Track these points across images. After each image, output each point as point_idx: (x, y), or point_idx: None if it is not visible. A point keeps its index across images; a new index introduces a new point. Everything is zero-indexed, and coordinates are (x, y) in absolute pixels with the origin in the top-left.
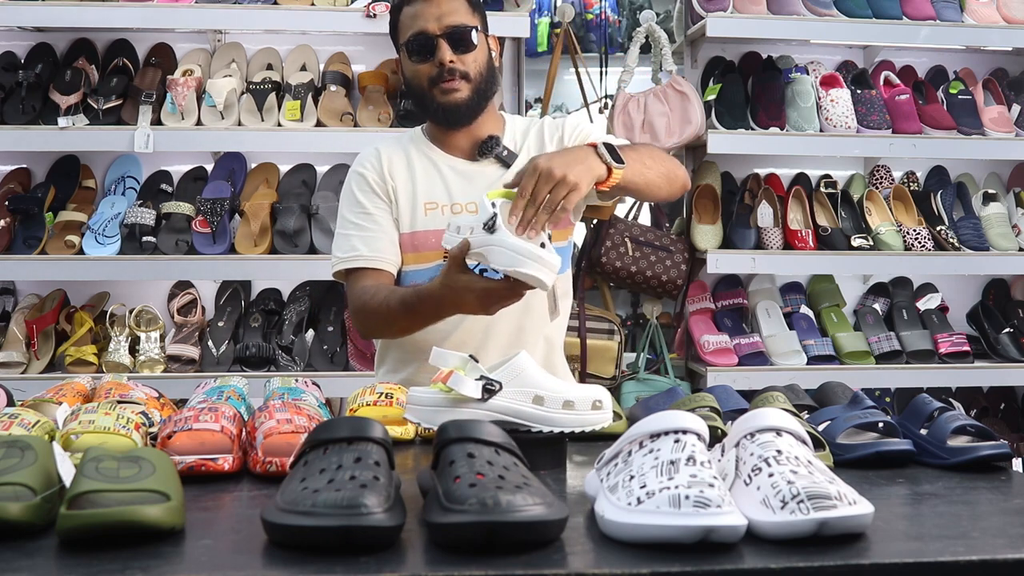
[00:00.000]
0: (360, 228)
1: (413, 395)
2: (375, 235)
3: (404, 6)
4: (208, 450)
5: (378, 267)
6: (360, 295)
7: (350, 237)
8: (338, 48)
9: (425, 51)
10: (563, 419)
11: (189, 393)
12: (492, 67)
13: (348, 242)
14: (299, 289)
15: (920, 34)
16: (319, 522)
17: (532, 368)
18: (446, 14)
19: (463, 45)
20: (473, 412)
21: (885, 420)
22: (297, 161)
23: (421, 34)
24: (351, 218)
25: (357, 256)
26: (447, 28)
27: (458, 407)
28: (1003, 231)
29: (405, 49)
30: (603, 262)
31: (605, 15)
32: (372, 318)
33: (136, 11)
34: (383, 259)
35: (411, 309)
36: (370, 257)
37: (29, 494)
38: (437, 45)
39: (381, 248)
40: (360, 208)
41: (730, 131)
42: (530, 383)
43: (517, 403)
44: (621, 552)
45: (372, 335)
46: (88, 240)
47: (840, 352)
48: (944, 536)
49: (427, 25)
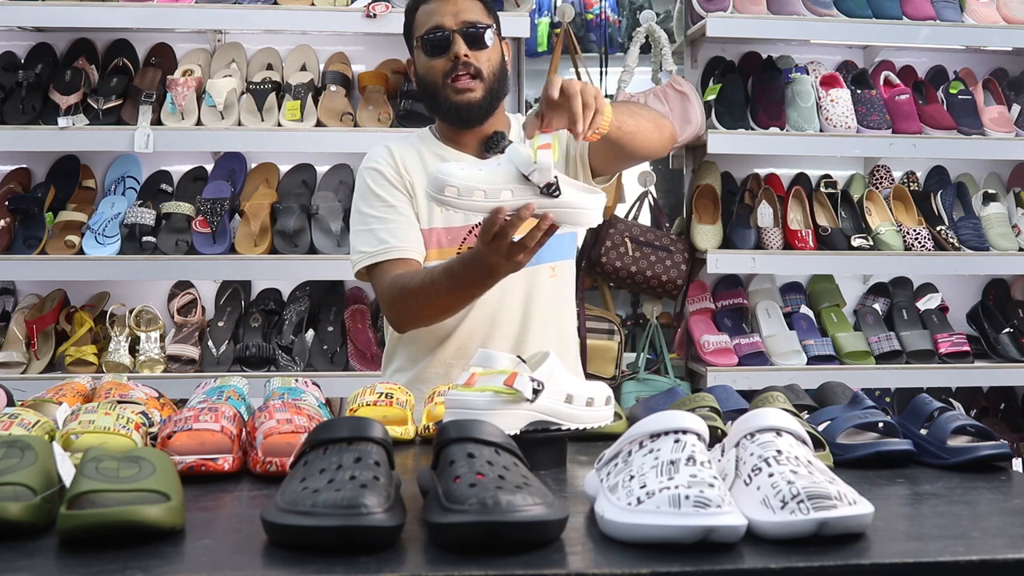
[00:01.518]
0: (384, 221)
1: (460, 398)
2: (401, 225)
3: (421, 4)
4: (208, 450)
5: (408, 256)
6: (396, 281)
7: (375, 231)
8: (338, 48)
9: (440, 46)
10: (588, 416)
11: (189, 393)
12: (504, 69)
13: (374, 236)
14: (299, 289)
15: (920, 34)
16: (319, 522)
17: (561, 367)
18: (462, 11)
19: (478, 42)
20: (527, 413)
21: (885, 420)
22: (297, 161)
23: (437, 28)
24: (372, 212)
25: (388, 248)
26: (463, 24)
27: (512, 408)
28: (1003, 231)
29: (420, 44)
30: (603, 262)
31: (605, 15)
32: (413, 300)
33: (136, 11)
34: (413, 248)
35: (457, 278)
36: (401, 247)
37: (29, 494)
38: (452, 40)
39: (409, 238)
40: (381, 201)
41: (730, 131)
42: (561, 382)
43: (554, 402)
44: (621, 552)
45: (410, 323)
46: (88, 240)
47: (840, 352)
48: (944, 536)
49: (443, 20)
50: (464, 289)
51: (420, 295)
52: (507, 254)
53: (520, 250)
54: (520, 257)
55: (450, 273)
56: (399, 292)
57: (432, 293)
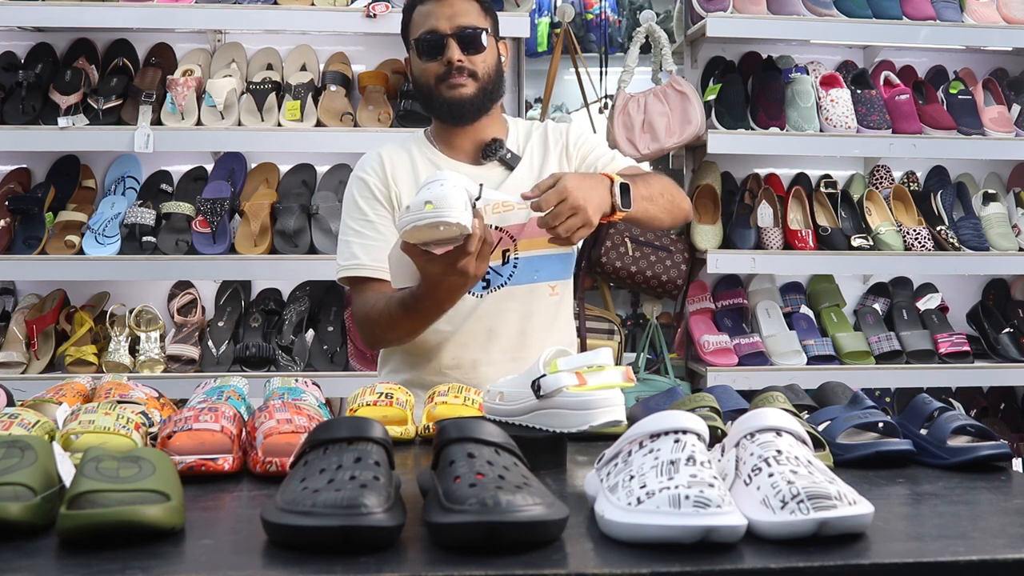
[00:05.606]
0: (360, 236)
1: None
2: (375, 243)
3: (417, 5)
4: (208, 450)
5: (380, 277)
6: (362, 307)
7: (351, 244)
8: (338, 48)
9: (435, 49)
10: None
11: (189, 393)
12: (500, 70)
13: (349, 249)
14: (299, 289)
15: (920, 34)
16: (319, 522)
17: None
18: (458, 14)
19: (472, 46)
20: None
21: (885, 420)
22: (297, 161)
23: (432, 32)
24: (352, 225)
25: (358, 265)
26: (457, 28)
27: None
28: (1003, 231)
29: (415, 47)
30: (603, 262)
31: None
32: (376, 328)
33: (136, 11)
34: (384, 268)
35: (411, 310)
36: (371, 267)
37: (29, 494)
38: (447, 44)
39: (381, 257)
40: (361, 215)
41: (730, 131)
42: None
43: None
44: (621, 552)
45: (378, 345)
46: (88, 240)
47: (840, 352)
48: (944, 536)
49: (438, 24)
50: (421, 318)
51: (382, 323)
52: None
53: (461, 262)
54: (473, 269)
55: (403, 306)
56: (364, 317)
57: (392, 322)
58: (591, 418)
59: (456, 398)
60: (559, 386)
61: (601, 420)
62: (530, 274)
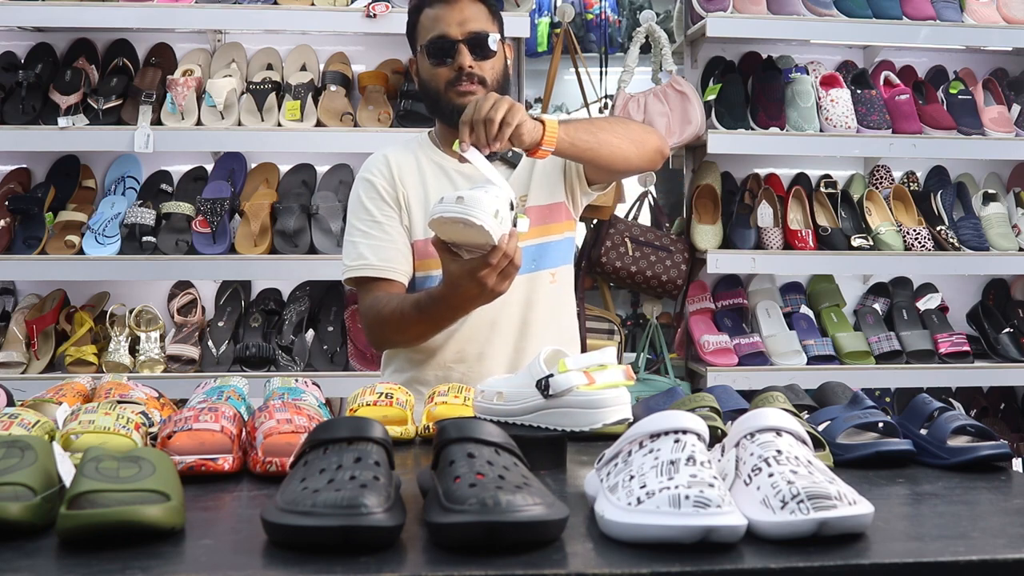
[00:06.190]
0: (368, 236)
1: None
2: (383, 244)
3: (425, 8)
4: (208, 450)
5: (388, 277)
6: (372, 306)
7: (357, 245)
8: (338, 48)
9: (445, 55)
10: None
11: (189, 393)
12: (507, 73)
13: (356, 250)
14: (299, 289)
15: (920, 34)
16: (319, 522)
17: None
18: (468, 20)
19: (482, 51)
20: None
21: (885, 420)
22: (297, 161)
23: (442, 38)
24: (359, 225)
25: (365, 265)
26: (468, 34)
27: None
28: (1003, 231)
29: (424, 51)
30: (603, 262)
31: (605, 15)
32: (386, 328)
33: (136, 11)
34: (392, 268)
35: (425, 312)
36: (379, 267)
37: (29, 494)
38: (457, 50)
39: (389, 257)
40: (368, 216)
41: (730, 131)
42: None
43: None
44: (621, 552)
45: (386, 345)
46: (88, 240)
47: (840, 352)
48: (944, 536)
49: (448, 29)
50: (433, 322)
51: (392, 323)
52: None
53: (486, 274)
54: (493, 283)
55: (418, 307)
56: (374, 317)
57: (403, 323)
58: (602, 416)
59: (456, 398)
60: (570, 385)
61: (613, 418)
62: (528, 263)
